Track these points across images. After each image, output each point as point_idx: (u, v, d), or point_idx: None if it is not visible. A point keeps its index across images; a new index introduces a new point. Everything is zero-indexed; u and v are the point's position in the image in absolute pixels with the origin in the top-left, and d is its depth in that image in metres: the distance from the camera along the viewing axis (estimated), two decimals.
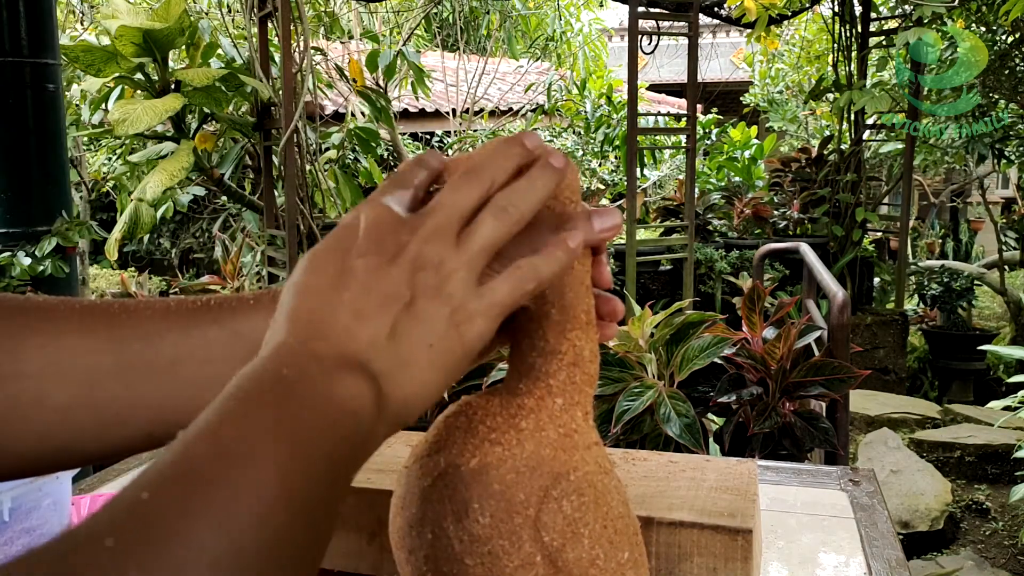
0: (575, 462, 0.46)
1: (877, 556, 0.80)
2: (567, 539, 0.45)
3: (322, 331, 0.33)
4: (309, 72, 3.50)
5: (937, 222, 8.47)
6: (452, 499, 0.45)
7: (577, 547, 0.45)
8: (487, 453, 0.45)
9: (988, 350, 4.32)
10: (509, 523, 0.44)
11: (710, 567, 0.63)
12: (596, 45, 8.23)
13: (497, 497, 0.44)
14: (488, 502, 0.44)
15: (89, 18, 5.49)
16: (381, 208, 0.37)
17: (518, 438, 0.45)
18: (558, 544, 0.44)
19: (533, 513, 0.44)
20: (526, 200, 0.39)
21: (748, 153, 6.80)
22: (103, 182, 4.93)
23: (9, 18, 2.65)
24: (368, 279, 0.35)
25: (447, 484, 0.45)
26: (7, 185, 2.75)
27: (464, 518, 0.44)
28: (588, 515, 0.45)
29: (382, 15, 6.49)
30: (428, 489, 0.46)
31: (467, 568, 0.45)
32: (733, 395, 1.60)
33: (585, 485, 0.46)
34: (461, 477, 0.45)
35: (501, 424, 0.46)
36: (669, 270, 5.16)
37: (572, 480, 0.45)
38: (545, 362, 0.46)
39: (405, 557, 0.48)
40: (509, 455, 0.45)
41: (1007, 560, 3.13)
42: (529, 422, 0.46)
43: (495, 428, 0.46)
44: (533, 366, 0.47)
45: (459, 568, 0.45)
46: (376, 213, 0.37)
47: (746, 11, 4.72)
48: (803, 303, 2.46)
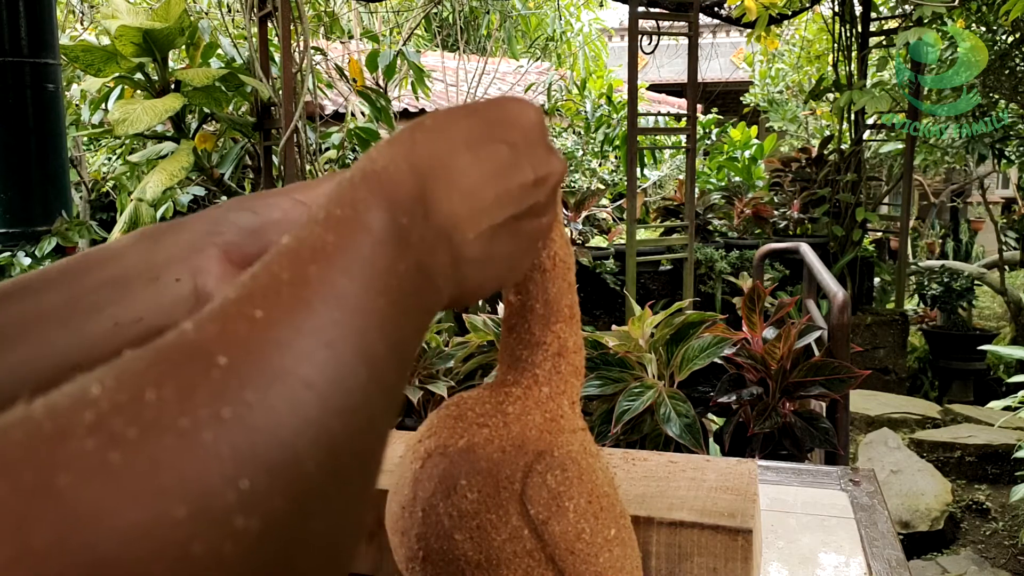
0: (560, 442, 0.48)
1: (877, 556, 0.79)
2: (552, 512, 0.46)
3: (442, 194, 0.32)
4: (309, 72, 3.50)
5: (937, 222, 8.46)
6: (441, 477, 0.46)
7: (563, 520, 0.46)
8: (475, 435, 0.47)
9: (988, 350, 4.32)
10: (496, 498, 0.46)
11: (710, 567, 0.63)
12: (596, 45, 8.23)
13: (484, 474, 0.46)
14: (475, 478, 0.46)
15: (89, 18, 5.49)
16: (541, 116, 0.37)
17: (504, 421, 0.47)
18: (544, 517, 0.46)
19: (519, 488, 0.46)
20: None
21: (748, 153, 6.80)
22: (103, 182, 4.93)
23: (9, 18, 2.65)
24: (509, 171, 0.34)
25: (436, 464, 0.47)
26: (7, 185, 2.75)
27: (453, 494, 0.46)
28: (572, 489, 0.47)
29: (382, 15, 6.49)
30: (419, 471, 0.48)
31: (457, 543, 0.46)
32: (733, 395, 1.60)
33: (569, 461, 0.47)
34: (449, 456, 0.47)
35: (489, 410, 0.48)
36: (669, 270, 5.16)
37: (556, 456, 0.47)
38: (531, 353, 0.49)
39: (399, 540, 0.49)
40: (496, 435, 0.47)
41: (1007, 560, 3.13)
42: (516, 407, 0.48)
43: (483, 414, 0.48)
44: (520, 358, 0.49)
45: (449, 544, 0.46)
46: (540, 118, 0.36)
47: (746, 11, 4.72)
48: (803, 303, 2.46)
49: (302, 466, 0.21)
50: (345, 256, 0.27)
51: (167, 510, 0.18)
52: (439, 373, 1.71)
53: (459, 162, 0.32)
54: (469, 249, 0.33)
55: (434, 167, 0.32)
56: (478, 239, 0.33)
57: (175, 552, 0.17)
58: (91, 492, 0.17)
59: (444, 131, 0.33)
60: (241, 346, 0.22)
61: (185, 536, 0.18)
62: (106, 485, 0.17)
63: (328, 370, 0.23)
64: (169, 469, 0.18)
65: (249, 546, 0.19)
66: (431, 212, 0.31)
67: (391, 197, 0.30)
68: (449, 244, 0.32)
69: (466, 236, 0.33)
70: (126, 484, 0.17)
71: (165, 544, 0.17)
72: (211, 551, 0.18)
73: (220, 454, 0.19)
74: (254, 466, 0.19)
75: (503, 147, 0.34)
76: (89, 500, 0.17)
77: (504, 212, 0.34)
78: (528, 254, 0.40)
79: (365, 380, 0.24)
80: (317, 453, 0.21)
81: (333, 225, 0.27)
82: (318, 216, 0.28)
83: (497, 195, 0.34)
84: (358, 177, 0.30)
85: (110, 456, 0.18)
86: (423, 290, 0.30)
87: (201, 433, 0.19)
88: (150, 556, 0.17)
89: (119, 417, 0.18)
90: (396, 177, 0.30)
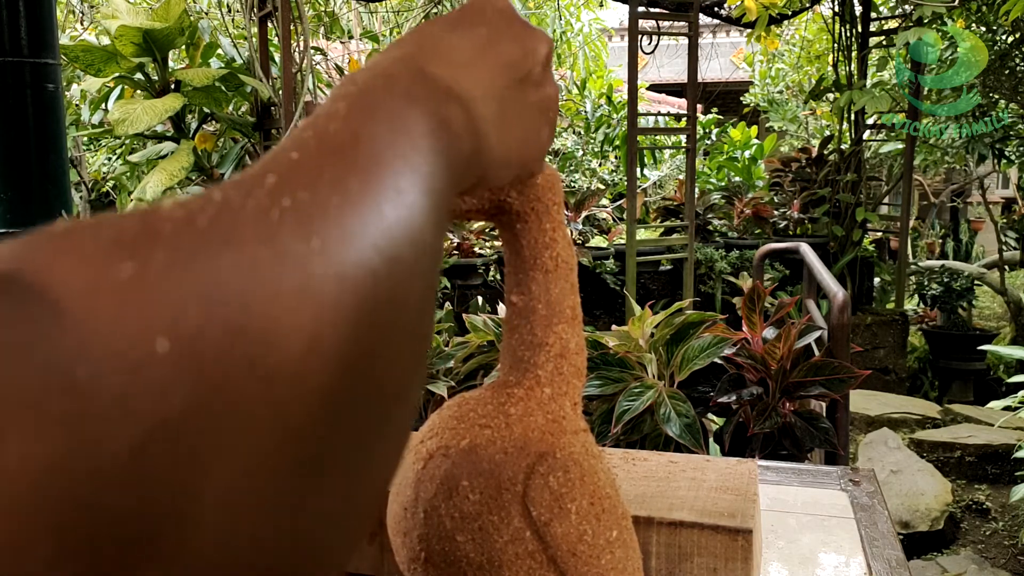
0: (562, 443, 0.48)
1: (877, 556, 0.80)
2: (554, 514, 0.46)
3: (438, 69, 0.33)
4: (309, 72, 3.50)
5: (937, 222, 8.46)
6: (443, 479, 0.46)
7: (564, 522, 0.46)
8: (477, 436, 0.47)
9: (988, 350, 4.32)
10: (498, 499, 0.45)
11: (710, 567, 0.63)
12: (596, 45, 8.22)
13: (486, 475, 0.46)
14: (477, 480, 0.46)
15: (89, 18, 5.49)
16: (509, 3, 0.40)
17: (507, 422, 0.47)
18: (546, 518, 0.46)
19: (521, 489, 0.46)
20: None
21: (748, 153, 6.80)
22: (103, 182, 4.93)
23: (9, 18, 2.65)
24: (493, 45, 0.37)
25: (438, 465, 0.47)
26: (7, 185, 2.75)
27: (455, 495, 0.46)
28: (575, 491, 0.47)
29: (382, 15, 6.49)
30: (420, 472, 0.47)
31: (458, 545, 0.46)
32: (733, 395, 1.60)
33: (571, 463, 0.47)
34: (451, 458, 0.46)
35: (491, 411, 0.48)
36: (669, 270, 5.16)
37: (558, 458, 0.47)
38: (533, 354, 0.49)
39: (401, 541, 0.49)
40: (498, 436, 0.47)
41: (1007, 560, 3.13)
42: (518, 408, 0.48)
43: (485, 415, 0.48)
44: (522, 358, 0.49)
45: (451, 545, 0.46)
46: (508, 4, 0.40)
47: (746, 11, 4.72)
48: (803, 303, 2.46)
49: (399, 262, 0.23)
50: (369, 111, 0.27)
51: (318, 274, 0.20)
52: (439, 373, 1.71)
53: (445, 44, 0.35)
54: (478, 107, 0.34)
55: (424, 51, 0.33)
56: (484, 99, 0.34)
57: None
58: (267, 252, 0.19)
59: (424, 29, 0.36)
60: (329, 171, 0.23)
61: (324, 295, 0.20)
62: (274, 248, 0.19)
63: (399, 204, 0.24)
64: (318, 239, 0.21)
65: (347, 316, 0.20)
66: (432, 80, 0.32)
67: (391, 82, 0.30)
68: (458, 99, 0.33)
69: (472, 94, 0.34)
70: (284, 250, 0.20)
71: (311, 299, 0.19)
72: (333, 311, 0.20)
73: None
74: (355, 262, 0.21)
75: (481, 28, 0.37)
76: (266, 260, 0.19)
77: (500, 79, 0.36)
78: (542, 124, 0.41)
79: (423, 215, 0.25)
80: (407, 257, 0.24)
81: (343, 99, 0.28)
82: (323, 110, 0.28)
83: (488, 66, 0.36)
84: (358, 79, 0.30)
85: (274, 216, 0.20)
86: (439, 132, 0.30)
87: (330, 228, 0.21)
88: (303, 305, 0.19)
89: (287, 197, 0.21)
90: (391, 70, 0.31)
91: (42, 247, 0.17)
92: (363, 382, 0.22)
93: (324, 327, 0.20)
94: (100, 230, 0.17)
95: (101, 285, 0.16)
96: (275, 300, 0.19)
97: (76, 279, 0.16)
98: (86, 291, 0.16)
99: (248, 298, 0.18)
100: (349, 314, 0.20)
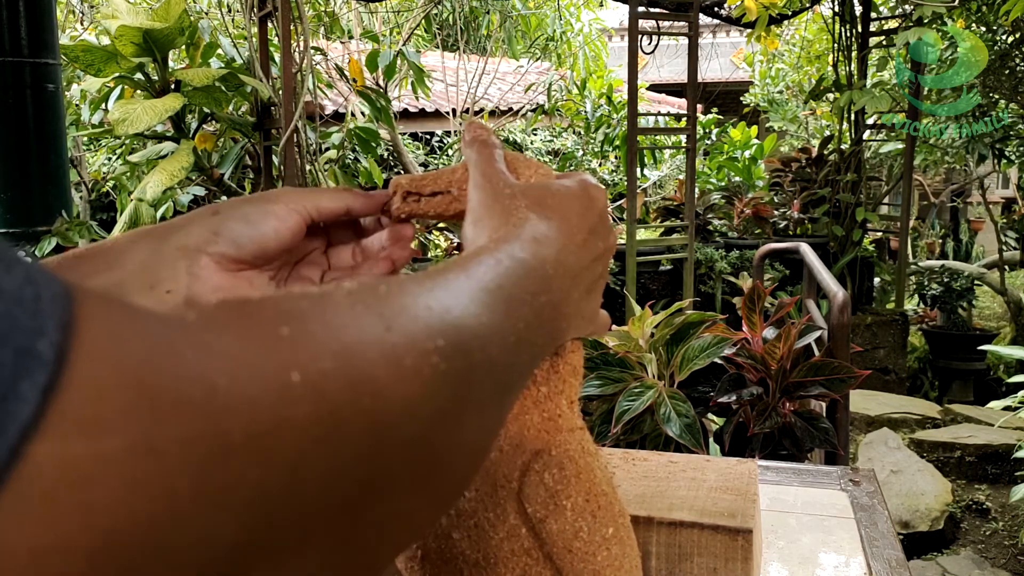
0: (557, 441, 0.48)
1: (877, 556, 0.80)
2: (550, 511, 0.46)
3: (557, 285, 0.41)
4: (309, 72, 3.50)
5: (937, 222, 8.46)
6: None
7: (560, 519, 0.46)
8: None
9: (988, 350, 4.32)
10: (494, 496, 0.46)
11: (710, 567, 0.63)
12: (596, 45, 8.22)
13: (482, 472, 0.46)
14: None
15: (89, 18, 5.49)
16: (605, 196, 0.50)
17: None
18: (541, 515, 0.46)
19: (516, 486, 0.46)
20: None
21: (748, 153, 6.80)
22: (103, 182, 4.93)
23: (9, 18, 2.65)
24: (593, 248, 0.46)
25: None
26: (7, 185, 2.75)
27: None
28: (570, 488, 0.47)
29: (382, 15, 6.49)
30: None
31: (455, 542, 0.46)
32: (733, 395, 1.60)
33: (566, 460, 0.47)
34: None
35: None
36: (669, 270, 5.16)
37: (553, 455, 0.47)
38: None
39: None
40: None
41: (1007, 560, 3.13)
42: (514, 407, 0.48)
43: None
44: None
45: (447, 543, 0.46)
46: (606, 200, 0.49)
47: (746, 11, 4.72)
48: (803, 303, 2.46)
49: (470, 356, 0.30)
50: None
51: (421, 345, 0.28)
52: None
53: (571, 259, 0.44)
54: (575, 306, 0.44)
55: (556, 264, 0.42)
56: (580, 297, 0.45)
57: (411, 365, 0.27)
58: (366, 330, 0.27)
59: (561, 230, 0.44)
60: None
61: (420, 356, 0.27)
62: None
63: (487, 315, 0.33)
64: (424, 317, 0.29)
65: (436, 377, 0.28)
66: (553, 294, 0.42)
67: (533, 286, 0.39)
68: (567, 297, 0.43)
69: (572, 296, 0.43)
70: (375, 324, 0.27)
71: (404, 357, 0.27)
72: (417, 370, 0.27)
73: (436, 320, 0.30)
74: (446, 338, 0.29)
75: (598, 241, 0.46)
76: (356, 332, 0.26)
77: (591, 276, 0.46)
78: (599, 299, 0.51)
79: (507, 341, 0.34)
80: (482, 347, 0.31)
81: None
82: None
83: (587, 268, 0.46)
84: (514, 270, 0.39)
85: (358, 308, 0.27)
86: (553, 319, 0.41)
87: None
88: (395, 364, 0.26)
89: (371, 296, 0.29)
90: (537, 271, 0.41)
91: None
92: (446, 437, 0.29)
93: (416, 391, 0.27)
94: (265, 305, 0.25)
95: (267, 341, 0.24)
96: (382, 366, 0.26)
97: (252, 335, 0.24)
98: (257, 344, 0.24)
99: (361, 360, 0.25)
100: (437, 386, 0.28)
